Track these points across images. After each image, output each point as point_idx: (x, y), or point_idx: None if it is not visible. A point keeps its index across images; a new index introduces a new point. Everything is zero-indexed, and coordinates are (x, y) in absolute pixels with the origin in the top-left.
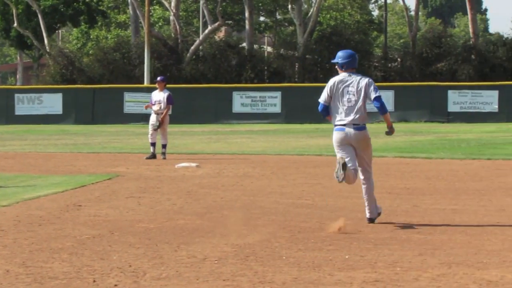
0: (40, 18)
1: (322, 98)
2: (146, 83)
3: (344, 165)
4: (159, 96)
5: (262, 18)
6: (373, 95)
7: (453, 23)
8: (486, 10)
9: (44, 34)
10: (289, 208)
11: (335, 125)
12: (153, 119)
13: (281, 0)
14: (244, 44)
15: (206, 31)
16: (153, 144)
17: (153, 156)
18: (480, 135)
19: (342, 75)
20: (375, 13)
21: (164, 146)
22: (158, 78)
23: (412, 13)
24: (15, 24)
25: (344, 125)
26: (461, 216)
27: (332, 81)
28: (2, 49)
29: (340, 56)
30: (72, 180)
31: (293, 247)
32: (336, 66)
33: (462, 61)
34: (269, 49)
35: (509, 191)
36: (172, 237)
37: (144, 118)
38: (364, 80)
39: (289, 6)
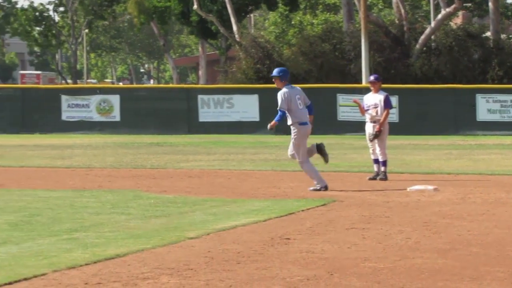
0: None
1: (284, 106)
2: (364, 82)
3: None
4: (373, 99)
5: (510, 0)
6: (308, 100)
7: None
8: None
9: (233, 20)
10: None
11: (301, 123)
12: (368, 128)
13: None
14: (488, 34)
15: (439, 16)
16: (376, 161)
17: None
18: None
19: (286, 87)
20: None
21: (383, 163)
22: (371, 77)
23: None
24: (195, 7)
25: (307, 122)
26: None
27: (284, 92)
28: (179, 38)
29: (278, 71)
30: (276, 205)
31: None
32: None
33: None
34: None
35: None
36: (407, 280)
37: (363, 127)
38: (300, 89)
39: None
